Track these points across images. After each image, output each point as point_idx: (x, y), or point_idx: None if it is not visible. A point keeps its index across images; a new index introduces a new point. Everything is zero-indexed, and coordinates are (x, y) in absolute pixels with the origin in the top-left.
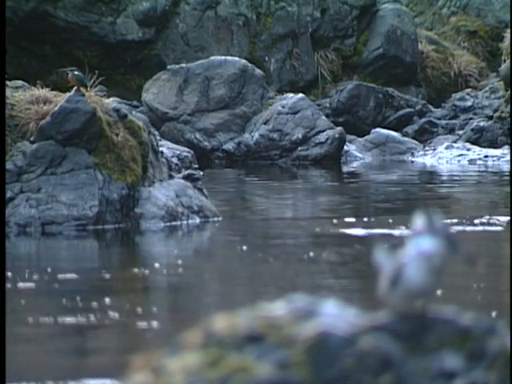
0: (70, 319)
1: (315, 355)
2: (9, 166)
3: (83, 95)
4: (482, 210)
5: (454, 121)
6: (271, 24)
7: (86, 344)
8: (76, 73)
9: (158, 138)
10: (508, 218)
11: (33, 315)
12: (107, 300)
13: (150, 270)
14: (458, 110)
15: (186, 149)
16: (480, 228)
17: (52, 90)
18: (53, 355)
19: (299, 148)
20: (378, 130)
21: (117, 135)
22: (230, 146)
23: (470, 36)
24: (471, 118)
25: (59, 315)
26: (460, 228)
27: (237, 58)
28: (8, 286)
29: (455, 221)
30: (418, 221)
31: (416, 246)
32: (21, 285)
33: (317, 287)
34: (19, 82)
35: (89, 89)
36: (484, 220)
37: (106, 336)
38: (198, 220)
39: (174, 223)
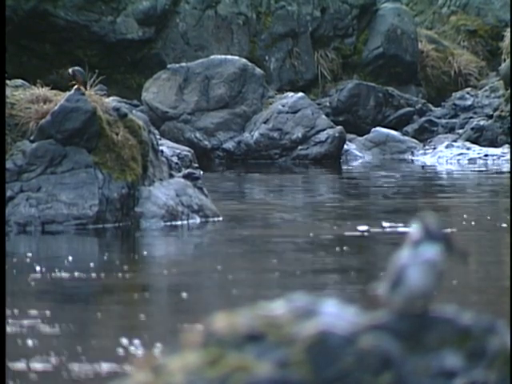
0: (69, 317)
1: (315, 354)
2: (9, 165)
3: (83, 94)
4: (482, 209)
5: (453, 120)
6: (271, 23)
7: (86, 342)
8: (79, 70)
9: (158, 137)
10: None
11: (32, 314)
12: (106, 299)
13: (149, 268)
14: (457, 109)
15: (186, 148)
16: (479, 227)
17: (52, 89)
18: (52, 352)
19: (299, 147)
20: (378, 129)
21: (117, 134)
22: (230, 145)
23: (469, 35)
24: (471, 117)
25: (58, 314)
26: (458, 227)
27: (237, 57)
28: (8, 284)
29: (454, 220)
30: (417, 228)
31: (420, 253)
32: (20, 283)
33: (317, 286)
34: (19, 81)
35: (89, 88)
36: (483, 219)
37: (105, 334)
38: (198, 219)
39: (174, 222)
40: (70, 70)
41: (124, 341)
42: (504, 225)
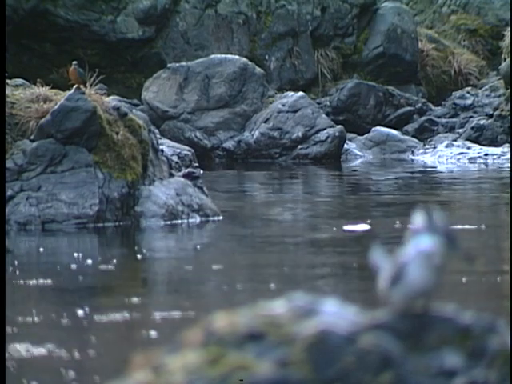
0: (70, 316)
1: (315, 353)
2: (9, 164)
3: (83, 93)
4: (482, 208)
5: (454, 119)
6: (271, 22)
7: (85, 341)
8: (79, 70)
9: (158, 136)
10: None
11: (32, 312)
12: (105, 298)
13: (149, 267)
14: (458, 109)
15: (186, 147)
16: (479, 226)
17: (52, 88)
18: (53, 352)
19: (299, 146)
20: (378, 128)
21: (117, 134)
22: (230, 144)
23: (470, 34)
24: (471, 117)
25: (59, 313)
26: (460, 226)
27: (237, 57)
28: (8, 283)
29: (455, 218)
30: (418, 220)
31: (415, 245)
32: (20, 282)
33: (317, 286)
34: (19, 81)
35: (89, 87)
36: (483, 218)
37: (105, 333)
38: (198, 219)
39: (174, 222)
40: (72, 68)
41: (123, 339)
42: (503, 222)
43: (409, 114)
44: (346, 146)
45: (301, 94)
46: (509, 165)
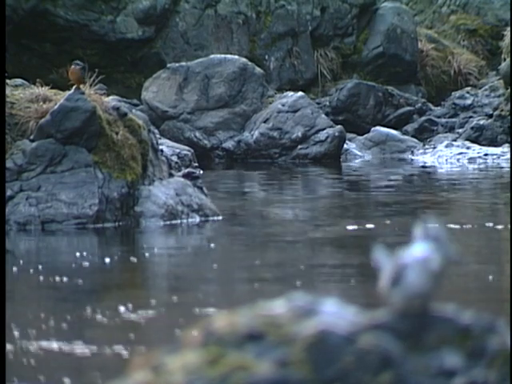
0: (69, 316)
1: (315, 353)
2: (9, 164)
3: (83, 93)
4: (482, 208)
5: (453, 119)
6: (271, 22)
7: (84, 340)
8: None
9: (158, 136)
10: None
11: (33, 311)
12: (105, 297)
13: (149, 267)
14: (457, 109)
15: (186, 147)
16: (480, 226)
17: (52, 88)
18: (53, 351)
19: (299, 146)
20: (377, 128)
21: (117, 134)
22: (229, 144)
23: (469, 34)
24: (471, 117)
25: (58, 312)
26: (459, 226)
27: (236, 57)
28: (8, 283)
29: (454, 218)
30: (418, 227)
31: (413, 251)
32: (21, 281)
33: (317, 286)
34: (19, 81)
35: (88, 87)
36: (484, 218)
37: (104, 331)
38: (197, 219)
39: (173, 222)
40: (72, 67)
41: (123, 338)
42: (503, 223)
43: (408, 114)
44: (345, 146)
45: (300, 94)
46: (509, 165)
